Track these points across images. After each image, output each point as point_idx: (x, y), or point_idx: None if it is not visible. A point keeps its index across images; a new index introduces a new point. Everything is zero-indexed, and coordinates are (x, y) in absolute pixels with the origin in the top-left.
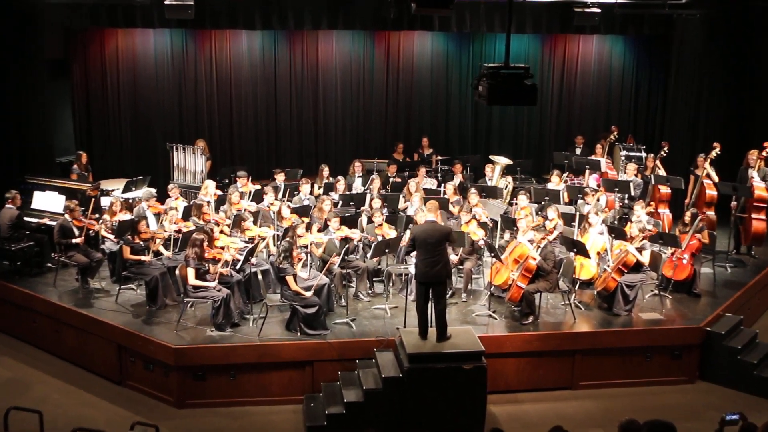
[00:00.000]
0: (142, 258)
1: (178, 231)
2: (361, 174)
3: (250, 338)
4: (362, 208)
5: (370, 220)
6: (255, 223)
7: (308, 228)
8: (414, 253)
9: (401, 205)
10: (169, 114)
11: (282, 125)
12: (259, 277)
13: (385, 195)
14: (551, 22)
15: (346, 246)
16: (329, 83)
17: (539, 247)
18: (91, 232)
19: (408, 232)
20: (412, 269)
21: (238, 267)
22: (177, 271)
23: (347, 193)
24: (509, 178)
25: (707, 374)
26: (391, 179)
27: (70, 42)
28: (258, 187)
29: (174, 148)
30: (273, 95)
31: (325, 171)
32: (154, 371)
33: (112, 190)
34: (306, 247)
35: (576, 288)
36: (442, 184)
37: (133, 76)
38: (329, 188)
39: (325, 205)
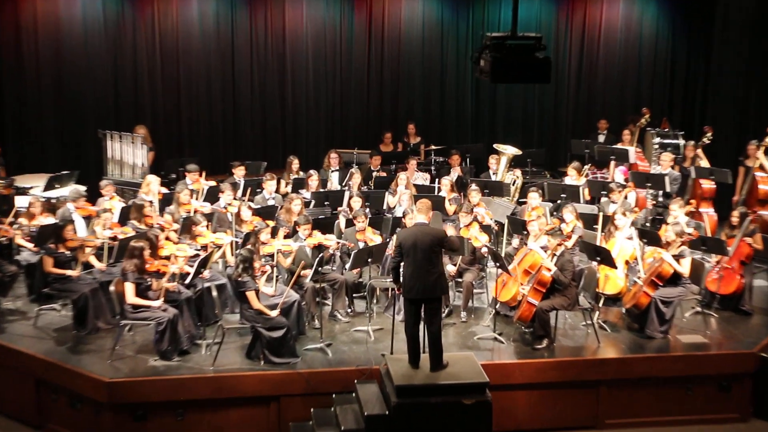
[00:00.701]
0: (68, 272)
1: (114, 238)
2: (338, 167)
3: (203, 368)
4: (339, 208)
5: (349, 224)
6: (209, 227)
7: (274, 233)
8: (403, 264)
9: (388, 203)
10: (102, 94)
11: (241, 108)
12: (214, 293)
13: (367, 192)
14: None
15: (320, 255)
16: (299, 56)
17: (554, 255)
18: (3, 239)
19: (395, 237)
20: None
21: (187, 281)
22: (112, 287)
23: (321, 190)
24: (518, 172)
25: (762, 410)
26: (374, 174)
27: None
28: (212, 183)
29: (108, 136)
30: (230, 71)
31: (295, 164)
32: (81, 410)
33: (31, 188)
34: (271, 256)
35: (600, 305)
36: (437, 180)
37: (56, 48)
38: (299, 185)
39: (295, 206)
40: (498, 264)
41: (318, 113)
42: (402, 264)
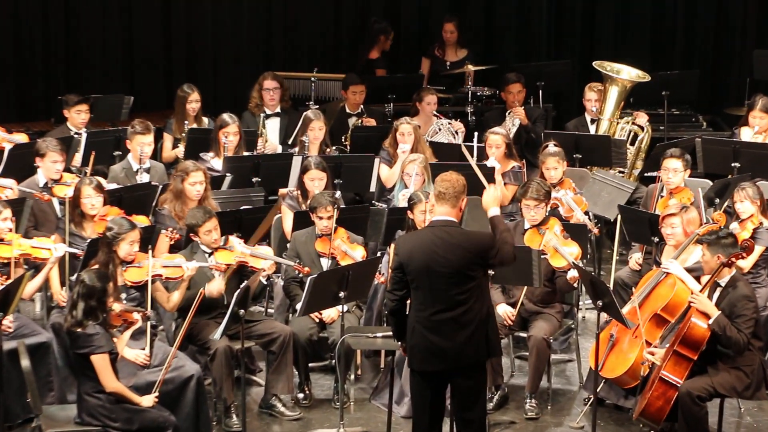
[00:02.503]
0: None
1: None
2: (278, 108)
3: None
4: (282, 191)
5: (302, 221)
6: (15, 228)
7: (147, 241)
8: (408, 302)
9: (383, 175)
10: None
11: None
12: (24, 363)
13: (337, 159)
14: None
15: (243, 286)
16: None
17: (717, 285)
18: None
19: (390, 249)
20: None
21: None
22: None
23: (245, 154)
24: (642, 118)
25: None
26: (353, 120)
27: None
28: (22, 137)
29: None
30: None
31: (192, 101)
32: None
33: None
34: (141, 288)
35: None
36: (475, 133)
37: None
38: (201, 143)
39: (192, 186)
40: (601, 304)
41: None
42: (408, 302)
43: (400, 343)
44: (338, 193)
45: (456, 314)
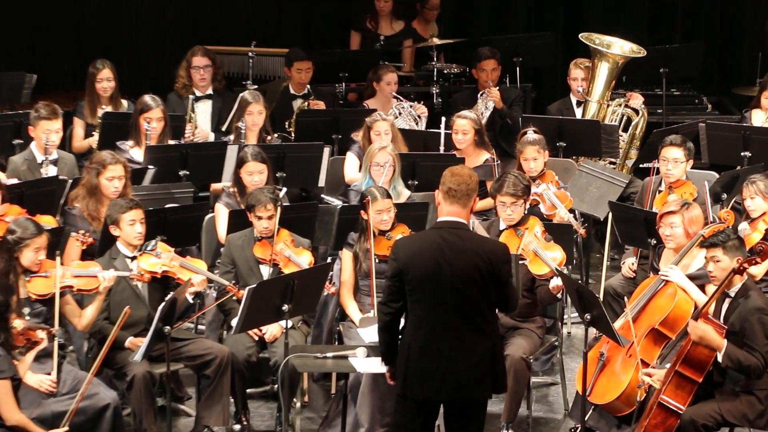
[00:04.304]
0: None
1: None
2: (210, 90)
3: None
4: (215, 186)
5: (238, 221)
6: None
7: (55, 247)
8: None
9: (350, 173)
10: None
11: None
12: None
13: (281, 148)
14: None
15: (171, 297)
16: None
17: (725, 297)
18: None
19: (342, 254)
20: (365, 363)
21: None
22: None
23: (171, 143)
24: (636, 99)
25: None
26: (297, 103)
27: None
28: None
29: None
30: None
31: (104, 80)
32: None
33: None
34: (44, 302)
35: None
36: (442, 118)
37: None
38: (117, 129)
39: (110, 181)
40: (589, 317)
41: None
42: (404, 317)
43: (387, 367)
44: (282, 192)
45: (462, 333)
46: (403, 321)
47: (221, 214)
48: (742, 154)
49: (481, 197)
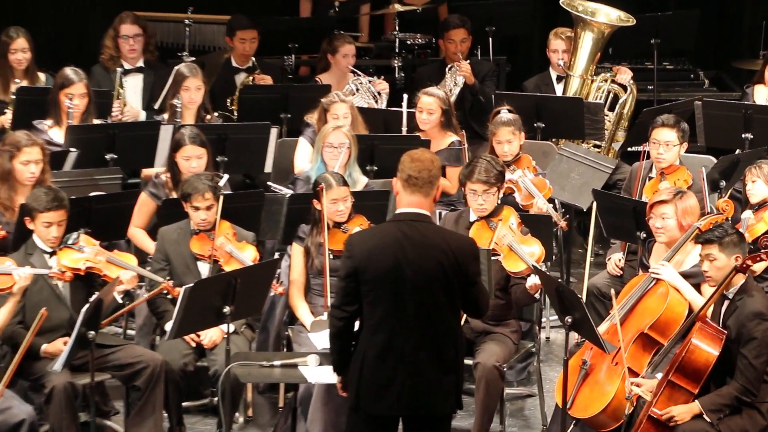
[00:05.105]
0: None
1: None
2: (140, 63)
3: None
4: (146, 172)
5: (169, 211)
6: None
7: None
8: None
9: (301, 162)
10: None
11: None
12: None
13: (221, 129)
14: None
15: (96, 298)
16: None
17: (724, 298)
18: None
19: (292, 250)
20: (317, 373)
21: None
22: None
23: (96, 122)
24: (624, 74)
25: None
26: (240, 77)
27: None
28: None
29: None
30: None
31: (19, 50)
32: None
33: None
34: None
35: None
36: (404, 95)
37: None
38: (24, 107)
39: (24, 167)
40: (571, 320)
41: None
42: (359, 322)
43: (339, 378)
44: (223, 180)
45: (423, 341)
46: (357, 325)
47: (141, 208)
48: (744, 136)
49: None
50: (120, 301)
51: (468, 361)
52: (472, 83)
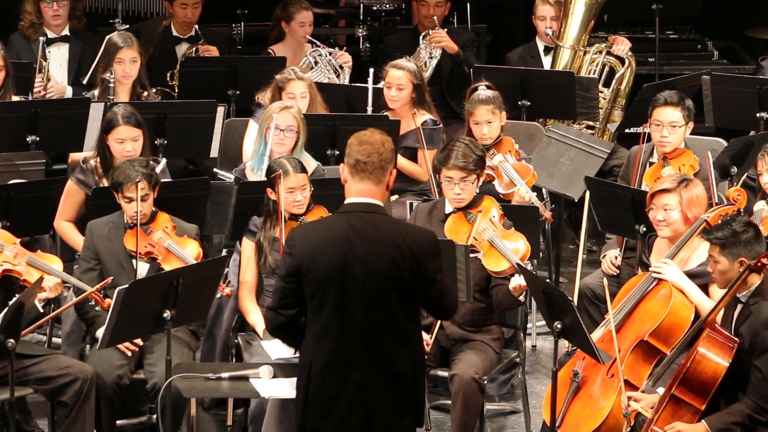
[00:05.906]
0: None
1: None
2: (65, 31)
3: None
4: (75, 156)
5: (99, 204)
6: None
7: None
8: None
9: (248, 145)
10: None
11: None
12: None
13: (160, 107)
14: None
15: (16, 302)
16: None
17: (736, 301)
18: None
19: (243, 246)
20: (271, 386)
21: None
22: None
23: (12, 101)
24: (621, 44)
25: None
26: (185, 46)
27: None
28: None
29: None
30: None
31: None
32: None
33: None
34: None
35: None
36: (371, 69)
37: None
38: None
39: None
40: (560, 326)
41: None
42: (302, 323)
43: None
44: (160, 165)
45: (376, 348)
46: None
47: (68, 198)
48: (758, 115)
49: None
50: (41, 311)
51: (443, 373)
52: (455, 52)
